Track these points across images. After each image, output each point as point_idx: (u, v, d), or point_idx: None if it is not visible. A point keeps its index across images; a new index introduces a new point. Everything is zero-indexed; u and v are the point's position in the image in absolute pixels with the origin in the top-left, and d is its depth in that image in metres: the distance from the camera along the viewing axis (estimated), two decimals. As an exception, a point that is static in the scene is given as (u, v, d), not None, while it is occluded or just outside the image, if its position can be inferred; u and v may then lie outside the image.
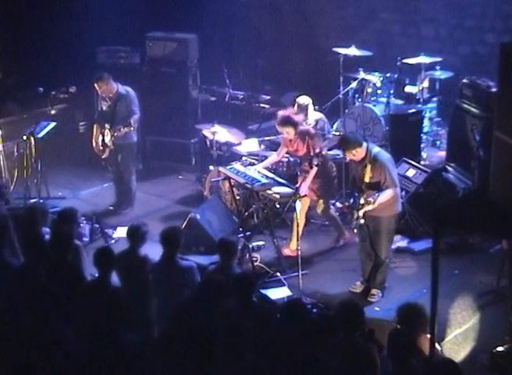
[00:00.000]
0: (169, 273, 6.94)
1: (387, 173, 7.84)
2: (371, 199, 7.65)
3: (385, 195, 7.79)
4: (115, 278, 7.05)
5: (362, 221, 7.92)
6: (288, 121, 8.89)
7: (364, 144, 7.96)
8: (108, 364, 5.38)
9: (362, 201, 7.79)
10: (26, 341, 5.53)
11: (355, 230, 8.28)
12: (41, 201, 10.12)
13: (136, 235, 7.25)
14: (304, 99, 9.98)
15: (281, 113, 9.05)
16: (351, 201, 8.02)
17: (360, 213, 7.87)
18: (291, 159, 9.85)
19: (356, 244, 8.66)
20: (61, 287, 6.48)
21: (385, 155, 8.06)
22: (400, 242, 9.28)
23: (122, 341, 5.49)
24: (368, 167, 7.84)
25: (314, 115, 10.11)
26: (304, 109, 9.91)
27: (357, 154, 7.90)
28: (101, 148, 10.32)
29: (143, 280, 7.03)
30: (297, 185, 8.72)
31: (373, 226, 8.09)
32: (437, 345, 5.98)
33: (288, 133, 8.92)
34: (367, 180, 7.86)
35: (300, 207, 8.98)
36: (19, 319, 5.72)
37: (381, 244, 8.14)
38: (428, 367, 5.32)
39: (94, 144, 10.40)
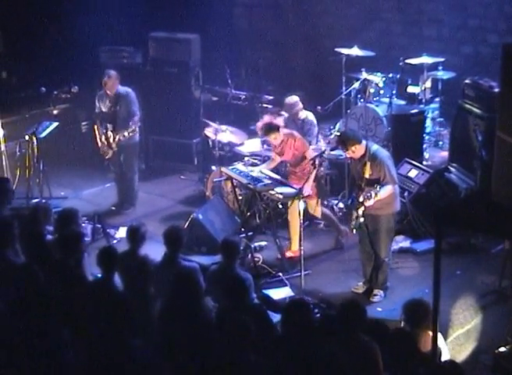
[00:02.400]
0: (171, 274, 6.92)
1: (386, 170, 7.84)
2: (372, 193, 7.62)
3: (386, 191, 7.77)
4: (116, 279, 7.05)
5: (362, 220, 7.91)
6: (270, 127, 8.91)
7: (364, 141, 7.98)
8: (112, 366, 5.38)
9: (361, 198, 7.78)
10: (23, 343, 5.53)
11: (354, 231, 8.25)
12: (43, 201, 10.13)
13: (136, 236, 7.23)
14: (290, 98, 9.96)
15: (261, 122, 9.04)
16: (349, 201, 8.05)
17: (360, 212, 7.85)
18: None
19: (357, 244, 8.65)
20: (62, 287, 6.49)
21: (383, 152, 8.08)
22: (403, 242, 9.28)
23: (126, 343, 5.48)
24: (368, 164, 7.83)
25: (305, 114, 9.99)
26: (291, 108, 9.90)
27: (357, 151, 7.91)
28: (105, 148, 10.33)
29: (144, 280, 7.02)
30: (300, 185, 8.73)
31: (372, 225, 8.08)
32: (443, 343, 5.98)
33: (276, 138, 8.95)
34: (366, 176, 7.86)
35: (299, 208, 8.94)
36: (18, 320, 5.71)
37: (380, 243, 8.13)
38: (430, 367, 5.32)
39: (99, 144, 10.41)
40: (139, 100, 10.50)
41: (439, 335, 5.63)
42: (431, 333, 5.63)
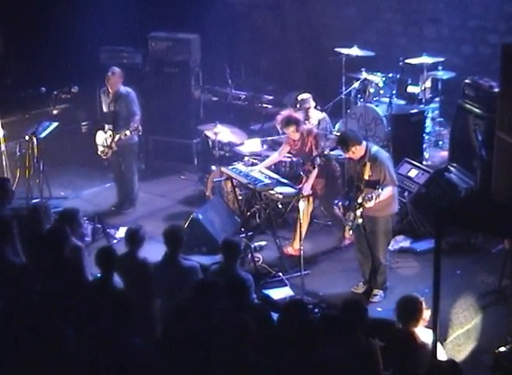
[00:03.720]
0: (172, 273, 6.94)
1: (386, 171, 7.83)
2: (373, 194, 7.60)
3: (386, 192, 7.76)
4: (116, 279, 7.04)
5: (360, 220, 7.90)
6: (290, 120, 8.95)
7: (364, 142, 7.97)
8: (113, 366, 5.37)
9: (360, 200, 7.77)
10: (26, 342, 5.52)
11: (350, 232, 8.24)
12: (43, 201, 10.12)
13: (135, 239, 7.19)
14: (303, 95, 10.15)
15: (281, 115, 9.11)
16: (346, 202, 8.04)
17: (358, 213, 7.85)
18: (294, 159, 9.85)
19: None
20: (62, 287, 6.49)
21: (383, 154, 8.07)
22: (403, 242, 9.29)
23: (127, 342, 5.48)
24: (368, 165, 7.82)
25: (317, 114, 10.13)
26: (301, 103, 10.01)
27: (356, 151, 7.89)
28: (105, 148, 10.33)
29: (143, 282, 7.01)
30: (300, 185, 8.73)
31: (370, 226, 8.06)
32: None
33: (294, 131, 8.97)
34: (366, 177, 7.85)
35: (304, 207, 8.96)
36: (18, 319, 5.70)
37: (378, 245, 8.12)
38: (429, 367, 5.32)
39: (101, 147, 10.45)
40: (139, 100, 10.50)
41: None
42: (417, 329, 5.64)
